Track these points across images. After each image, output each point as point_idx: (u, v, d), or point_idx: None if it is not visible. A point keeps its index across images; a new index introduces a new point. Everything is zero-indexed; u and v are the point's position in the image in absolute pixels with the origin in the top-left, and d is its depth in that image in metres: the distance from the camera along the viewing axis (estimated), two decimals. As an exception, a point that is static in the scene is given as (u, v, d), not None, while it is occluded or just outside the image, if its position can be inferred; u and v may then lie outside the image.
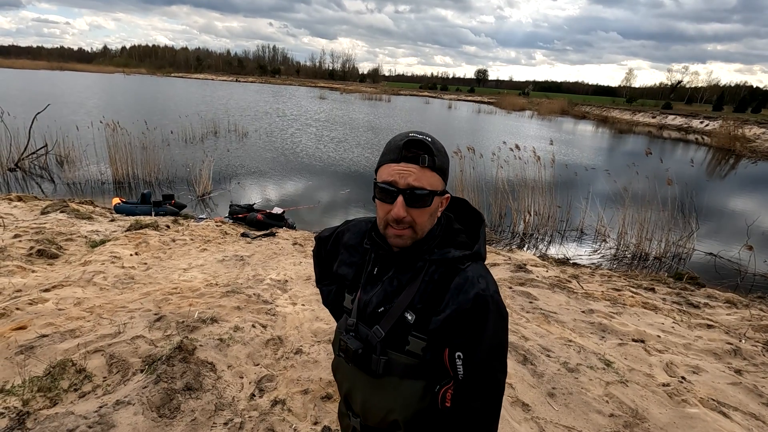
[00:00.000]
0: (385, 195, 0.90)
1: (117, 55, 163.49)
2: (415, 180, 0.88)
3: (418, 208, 0.89)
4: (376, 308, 0.96)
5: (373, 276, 1.00)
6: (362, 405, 1.00)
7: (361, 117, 30.20)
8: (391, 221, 0.91)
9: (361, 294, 1.00)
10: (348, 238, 1.12)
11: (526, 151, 10.42)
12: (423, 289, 0.92)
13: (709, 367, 3.00)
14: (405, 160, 0.88)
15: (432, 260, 0.93)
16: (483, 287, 0.88)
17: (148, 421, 1.95)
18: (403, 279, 0.95)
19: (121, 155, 10.17)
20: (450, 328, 0.87)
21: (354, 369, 0.99)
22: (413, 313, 0.91)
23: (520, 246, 7.78)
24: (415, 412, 0.94)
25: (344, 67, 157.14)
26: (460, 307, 0.87)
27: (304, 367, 2.62)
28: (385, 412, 0.96)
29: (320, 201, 9.62)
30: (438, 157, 0.90)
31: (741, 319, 4.19)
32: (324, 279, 1.28)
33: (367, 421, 1.01)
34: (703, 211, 9.56)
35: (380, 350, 0.93)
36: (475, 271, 0.90)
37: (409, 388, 0.93)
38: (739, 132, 26.96)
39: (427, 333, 0.90)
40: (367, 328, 0.96)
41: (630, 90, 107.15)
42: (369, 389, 0.97)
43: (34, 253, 4.35)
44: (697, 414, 2.36)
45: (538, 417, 2.31)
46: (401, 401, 0.94)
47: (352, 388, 1.02)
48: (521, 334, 3.23)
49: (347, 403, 1.07)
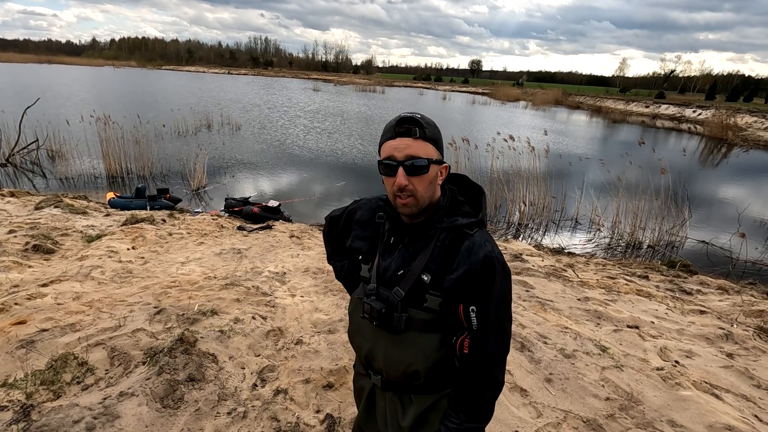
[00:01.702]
0: (388, 169, 1.01)
1: (106, 48, 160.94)
2: (411, 151, 0.99)
3: (418, 175, 1.00)
4: (395, 272, 1.07)
5: (389, 245, 1.12)
6: (384, 361, 1.11)
7: (356, 109, 30.03)
8: (396, 191, 1.01)
9: (380, 261, 1.12)
10: (360, 215, 1.22)
11: (521, 141, 10.44)
12: (436, 253, 1.04)
13: (701, 351, 3.07)
14: (399, 135, 1.00)
15: (442, 228, 1.05)
16: (489, 249, 1.00)
17: (152, 411, 1.97)
18: (417, 246, 1.07)
19: (114, 149, 10.06)
20: (463, 286, 1.00)
21: (375, 329, 1.10)
22: (429, 275, 1.03)
23: (516, 236, 7.84)
24: (434, 362, 1.07)
25: (337, 58, 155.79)
26: (471, 267, 0.99)
27: (305, 357, 2.65)
28: (406, 365, 1.08)
29: (315, 193, 9.61)
30: (428, 129, 1.01)
31: (732, 305, 4.27)
32: (336, 255, 1.37)
33: (389, 376, 1.12)
34: (696, 199, 9.67)
35: (401, 308, 1.05)
36: (482, 236, 1.03)
37: (427, 341, 1.06)
38: (731, 121, 27.12)
39: (442, 291, 1.02)
40: (388, 290, 1.08)
41: (623, 80, 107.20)
42: (391, 345, 1.09)
43: (30, 248, 4.32)
44: (691, 396, 2.42)
45: (536, 402, 2.35)
46: (421, 353, 1.07)
47: (373, 348, 1.13)
48: (518, 322, 3.28)
49: (367, 363, 1.19)
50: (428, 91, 69.16)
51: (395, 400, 1.14)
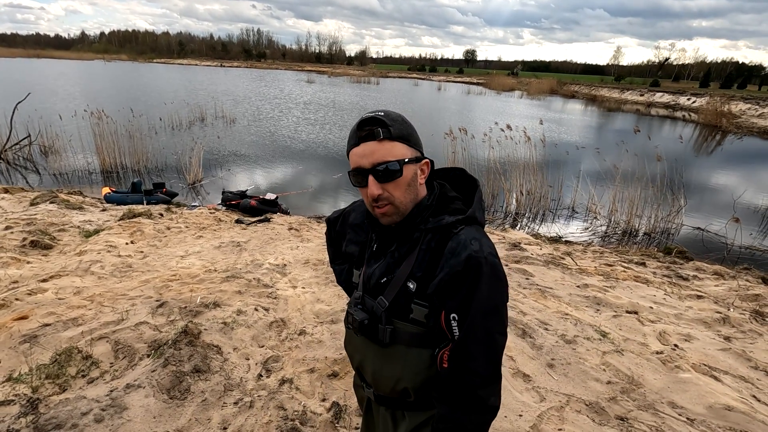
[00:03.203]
0: (357, 179, 0.92)
1: (96, 41, 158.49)
2: (378, 156, 0.89)
3: (392, 181, 0.90)
4: (378, 279, 0.98)
5: (374, 252, 1.03)
6: (373, 375, 1.03)
7: (350, 99, 29.85)
8: (371, 202, 0.93)
9: (365, 268, 1.04)
10: (353, 218, 1.15)
11: (517, 131, 10.44)
12: (421, 258, 0.93)
13: (699, 335, 3.11)
14: (363, 140, 0.90)
15: (427, 229, 0.94)
16: (476, 249, 0.87)
17: (159, 402, 1.98)
18: (402, 251, 0.96)
19: (108, 144, 9.96)
20: (444, 291, 0.88)
21: (364, 340, 1.02)
22: (414, 282, 0.92)
23: (513, 225, 7.87)
24: (424, 380, 0.96)
25: (331, 49, 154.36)
26: (452, 269, 0.87)
27: (308, 347, 2.67)
28: (394, 381, 0.99)
29: (312, 186, 9.58)
30: (393, 127, 0.89)
31: (728, 290, 4.32)
32: (336, 259, 1.29)
33: (379, 390, 1.05)
34: (691, 187, 9.73)
35: (385, 320, 0.96)
36: (468, 234, 0.90)
37: (416, 356, 0.95)
38: (725, 108, 27.20)
39: (427, 299, 0.91)
40: (372, 299, 0.99)
41: (618, 68, 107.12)
42: (378, 359, 1.00)
43: (28, 244, 4.29)
44: (690, 378, 2.46)
45: (539, 386, 2.38)
46: (409, 370, 0.96)
47: (363, 360, 1.06)
48: (519, 309, 3.31)
49: (360, 375, 1.11)
50: (423, 81, 68.79)
51: (388, 416, 1.06)
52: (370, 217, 1.02)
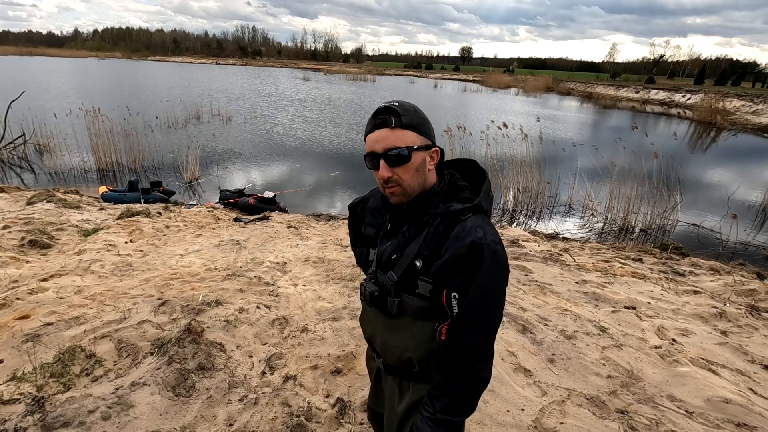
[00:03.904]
0: (371, 162, 1.02)
1: (89, 39, 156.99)
2: (389, 142, 0.97)
3: (401, 165, 0.98)
4: (389, 256, 1.08)
5: (388, 231, 1.13)
6: (381, 345, 1.14)
7: (345, 97, 29.79)
8: (382, 183, 1.02)
9: (379, 246, 1.14)
10: (372, 203, 1.24)
11: (514, 128, 10.47)
12: (429, 239, 1.01)
13: (697, 329, 3.15)
14: (377, 127, 0.99)
15: (436, 214, 1.02)
16: (480, 236, 0.94)
17: (165, 400, 1.99)
18: (412, 231, 1.05)
19: (104, 143, 9.91)
20: (448, 271, 0.97)
21: (375, 312, 1.12)
22: (421, 260, 1.01)
23: (511, 222, 7.92)
24: (427, 351, 1.05)
25: (327, 47, 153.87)
26: (456, 251, 0.95)
27: (311, 344, 2.68)
28: (400, 351, 1.08)
29: (310, 184, 9.58)
30: (405, 116, 0.98)
31: (724, 285, 4.37)
32: (357, 242, 1.37)
33: (387, 360, 1.14)
34: (687, 183, 9.81)
35: (394, 292, 1.06)
36: (475, 221, 0.98)
37: (421, 328, 1.05)
38: (720, 105, 27.38)
39: (431, 276, 1.00)
40: (384, 275, 1.09)
41: (614, 65, 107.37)
42: (387, 331, 1.10)
43: (26, 243, 4.28)
44: (688, 372, 2.50)
45: (540, 381, 2.41)
46: (414, 341, 1.06)
47: (374, 331, 1.16)
48: (519, 306, 3.33)
49: (371, 346, 1.22)
50: (419, 79, 68.73)
51: (395, 384, 1.15)
52: (385, 199, 1.14)
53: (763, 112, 26.66)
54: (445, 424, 0.98)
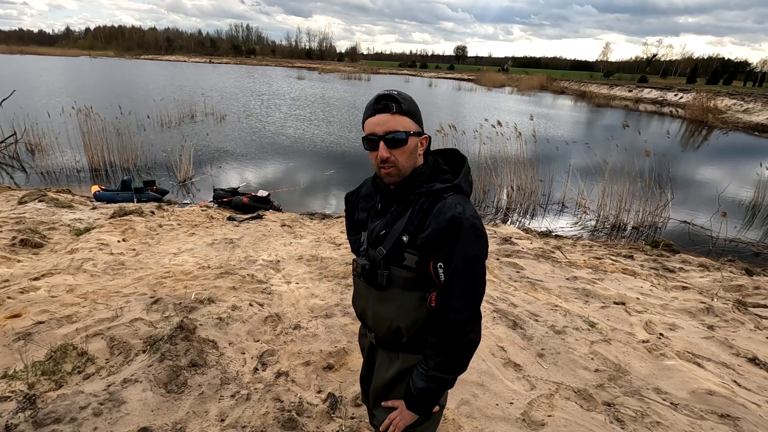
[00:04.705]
0: (370, 144, 1.11)
1: (81, 37, 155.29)
2: (389, 126, 1.07)
3: (398, 148, 1.09)
4: (379, 232, 1.17)
5: (378, 210, 1.23)
6: (373, 317, 1.22)
7: (339, 95, 29.75)
8: (379, 163, 1.11)
9: (369, 224, 1.24)
10: (365, 190, 1.34)
11: (508, 127, 10.51)
12: (414, 216, 1.12)
13: (684, 324, 3.20)
14: (378, 112, 1.09)
15: (420, 193, 1.13)
16: (459, 211, 1.05)
17: (157, 396, 2.00)
18: (399, 209, 1.16)
19: (96, 142, 9.82)
20: (432, 243, 1.07)
21: (365, 286, 1.21)
22: (407, 235, 1.11)
23: (504, 220, 7.95)
24: (414, 320, 1.14)
25: (321, 46, 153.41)
26: (438, 225, 1.05)
27: (303, 341, 2.70)
28: (389, 321, 1.17)
29: (304, 183, 9.57)
30: (404, 104, 1.09)
31: (713, 281, 4.44)
32: (352, 230, 1.45)
33: (378, 332, 1.23)
34: (678, 181, 9.90)
35: (383, 265, 1.15)
36: (455, 199, 1.08)
37: (408, 298, 1.14)
38: (711, 104, 27.61)
39: (417, 249, 1.10)
40: (374, 249, 1.18)
41: (607, 64, 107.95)
42: (377, 302, 1.19)
43: (18, 242, 4.26)
44: (675, 365, 2.55)
45: (530, 375, 2.45)
46: (402, 310, 1.15)
47: (365, 306, 1.24)
48: (510, 302, 3.37)
49: (363, 321, 1.30)
50: (414, 78, 68.72)
51: (385, 356, 1.23)
52: (375, 184, 1.23)
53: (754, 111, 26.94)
54: (437, 380, 1.09)
